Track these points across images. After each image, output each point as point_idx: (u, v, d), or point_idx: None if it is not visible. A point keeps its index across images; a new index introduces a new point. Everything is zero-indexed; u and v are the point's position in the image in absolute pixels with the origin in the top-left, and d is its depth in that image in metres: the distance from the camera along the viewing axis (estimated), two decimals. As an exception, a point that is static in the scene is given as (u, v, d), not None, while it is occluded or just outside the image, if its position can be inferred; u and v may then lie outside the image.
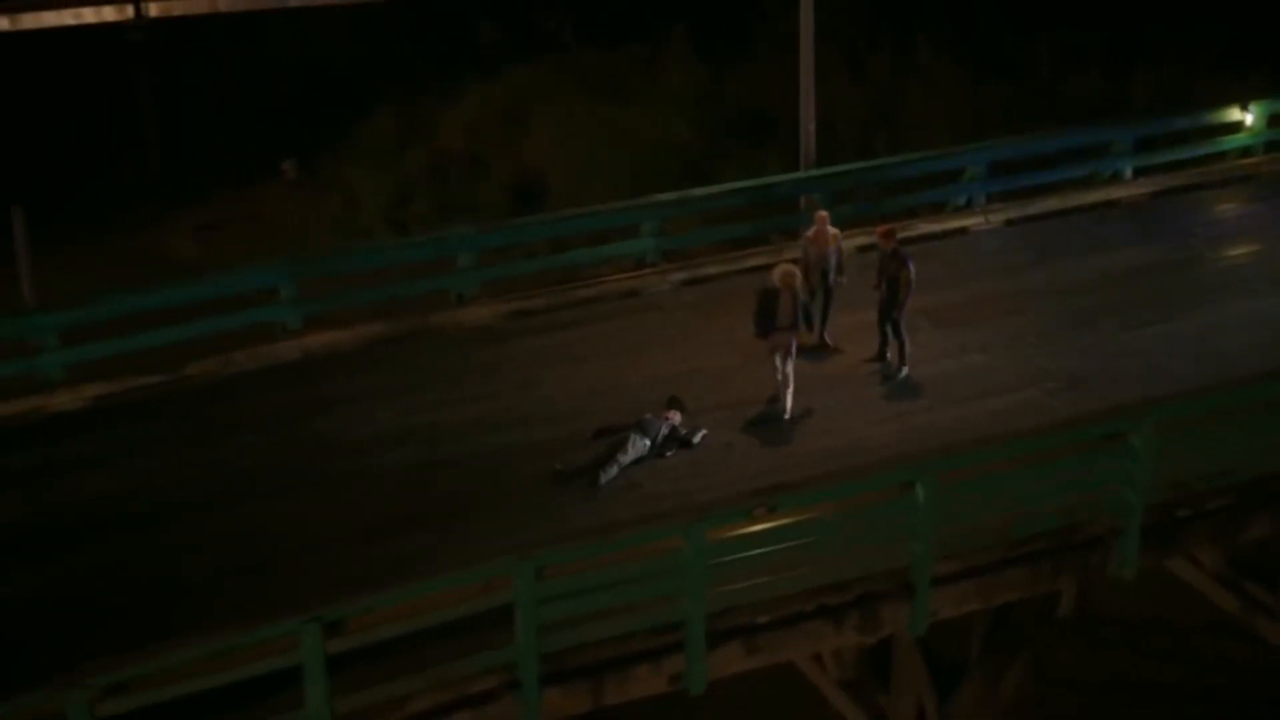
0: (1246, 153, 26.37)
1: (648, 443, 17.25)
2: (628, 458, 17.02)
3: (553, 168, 34.32)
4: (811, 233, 19.76)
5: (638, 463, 17.10)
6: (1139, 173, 25.72)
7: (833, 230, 19.65)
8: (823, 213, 19.91)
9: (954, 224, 24.05)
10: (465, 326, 21.03)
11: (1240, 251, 23.19)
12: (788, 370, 18.11)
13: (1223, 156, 26.36)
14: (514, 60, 37.92)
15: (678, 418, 17.73)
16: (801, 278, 18.38)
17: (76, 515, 16.60)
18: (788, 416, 18.17)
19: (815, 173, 23.92)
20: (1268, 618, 20.54)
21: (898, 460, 16.79)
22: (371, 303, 21.40)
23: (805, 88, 23.83)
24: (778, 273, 18.07)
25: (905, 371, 19.20)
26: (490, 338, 20.73)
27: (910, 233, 22.54)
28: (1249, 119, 26.12)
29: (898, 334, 19.22)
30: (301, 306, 20.55)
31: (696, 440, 17.62)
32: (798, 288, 17.99)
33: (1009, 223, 24.28)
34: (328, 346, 20.37)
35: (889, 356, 19.39)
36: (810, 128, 23.92)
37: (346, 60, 39.96)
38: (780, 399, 18.21)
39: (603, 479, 16.79)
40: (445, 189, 34.96)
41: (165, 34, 36.17)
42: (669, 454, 17.37)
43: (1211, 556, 20.65)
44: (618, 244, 23.08)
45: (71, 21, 34.72)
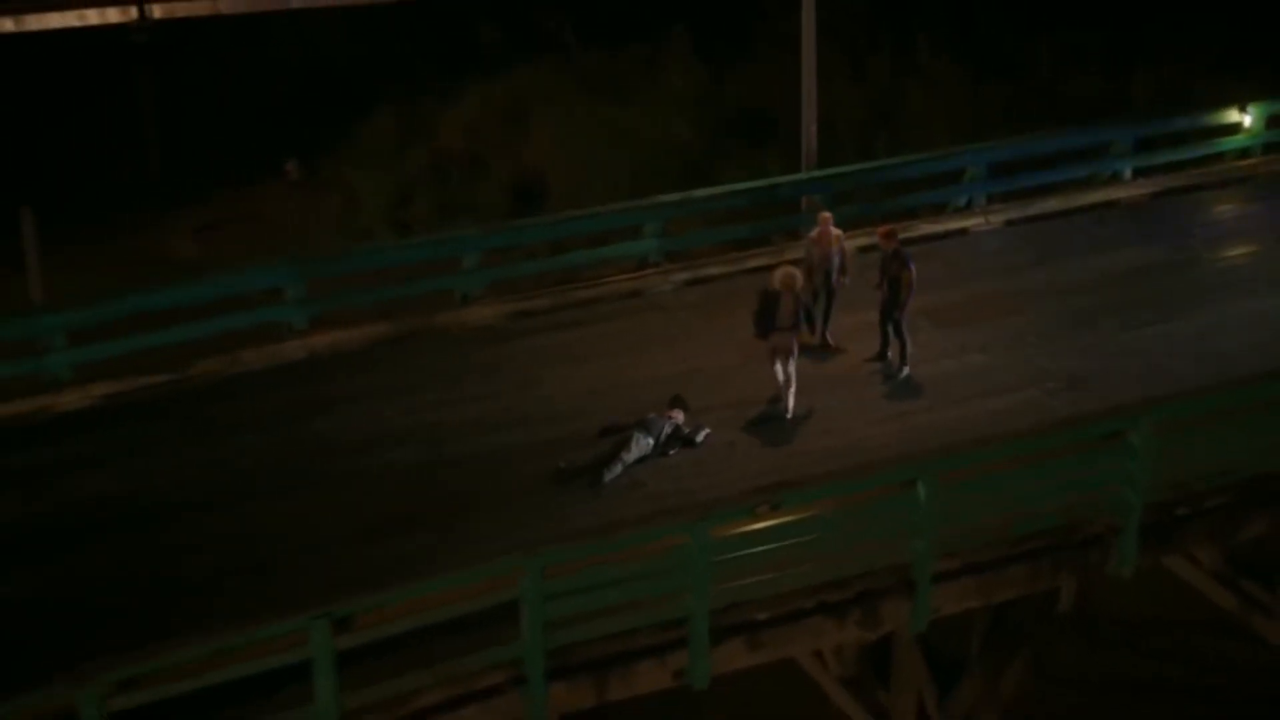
0: (1245, 154, 26.45)
1: (651, 441, 17.33)
2: (631, 456, 17.10)
3: (553, 168, 34.29)
4: (815, 234, 19.87)
5: (641, 461, 17.17)
6: (1138, 173, 25.79)
7: (836, 231, 19.76)
8: (826, 214, 20.03)
9: (954, 225, 24.13)
10: (468, 327, 21.07)
11: (1239, 252, 23.27)
12: (790, 370, 18.20)
13: (1221, 157, 26.47)
14: (514, 60, 37.85)
15: (681, 417, 17.82)
16: (803, 279, 18.48)
17: (76, 515, 16.61)
18: (790, 416, 18.25)
19: (817, 174, 24.00)
20: (1265, 616, 20.65)
21: (899, 459, 16.82)
22: (375, 302, 21.46)
23: (807, 89, 23.89)
24: (778, 275, 18.16)
25: (906, 371, 19.30)
26: (492, 338, 20.78)
27: (911, 233, 22.59)
28: (1247, 120, 26.24)
29: (899, 334, 19.32)
30: (307, 306, 20.61)
31: (699, 439, 17.70)
32: (798, 289, 18.07)
33: (1009, 223, 24.35)
34: (332, 346, 20.42)
35: (890, 356, 19.48)
36: (812, 129, 24.00)
37: (347, 61, 39.90)
38: (782, 398, 18.30)
39: (606, 477, 16.87)
40: (446, 189, 34.92)
41: (168, 35, 36.09)
42: (672, 453, 17.45)
43: (1209, 555, 20.76)
44: (620, 244, 23.14)
45: (75, 23, 34.61)
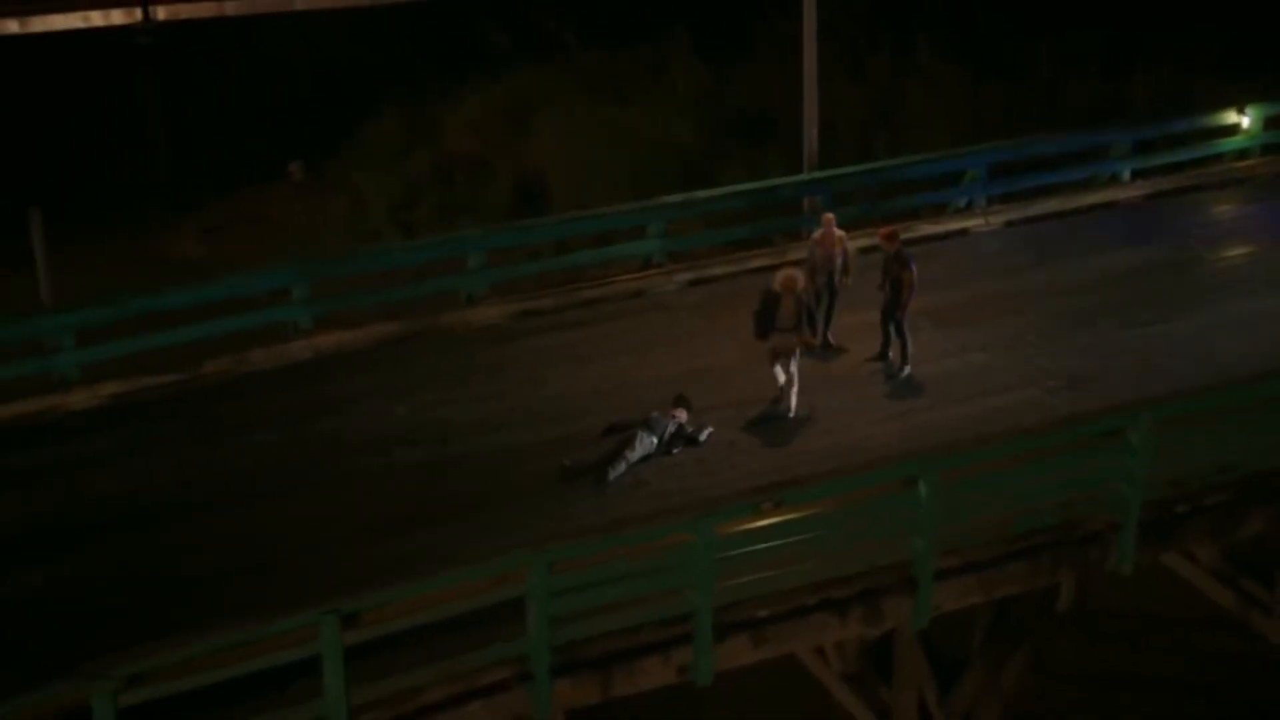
0: (1243, 155, 26.58)
1: (655, 440, 17.42)
2: (635, 455, 17.20)
3: (555, 168, 34.35)
4: (819, 234, 20.01)
5: (645, 460, 17.27)
6: (1137, 175, 25.91)
7: (839, 232, 19.89)
8: (829, 215, 20.18)
9: (955, 225, 24.28)
10: (473, 327, 21.18)
11: (1237, 252, 23.38)
12: (792, 370, 18.31)
13: (1220, 159, 26.58)
14: (517, 62, 37.94)
15: (684, 416, 17.92)
16: (805, 280, 18.60)
17: (79, 514, 16.67)
18: (792, 415, 18.36)
19: (818, 174, 24.12)
20: (1262, 613, 20.81)
21: (900, 458, 16.95)
22: (381, 303, 21.56)
23: (808, 89, 23.99)
24: (780, 276, 18.27)
25: (907, 371, 19.42)
26: (498, 338, 20.90)
27: (912, 234, 22.69)
28: (1245, 122, 26.37)
29: (900, 334, 19.44)
30: (313, 307, 20.73)
31: (703, 438, 17.81)
32: (799, 291, 18.16)
33: (1009, 224, 24.50)
34: (338, 346, 20.52)
35: (891, 356, 19.60)
36: (813, 130, 24.11)
37: (351, 63, 39.98)
38: (784, 398, 18.42)
39: (611, 475, 16.97)
40: (450, 190, 35.00)
41: (172, 37, 36.16)
42: (676, 451, 17.55)
43: (1208, 552, 20.91)
44: (624, 245, 23.28)
45: (80, 24, 34.70)
